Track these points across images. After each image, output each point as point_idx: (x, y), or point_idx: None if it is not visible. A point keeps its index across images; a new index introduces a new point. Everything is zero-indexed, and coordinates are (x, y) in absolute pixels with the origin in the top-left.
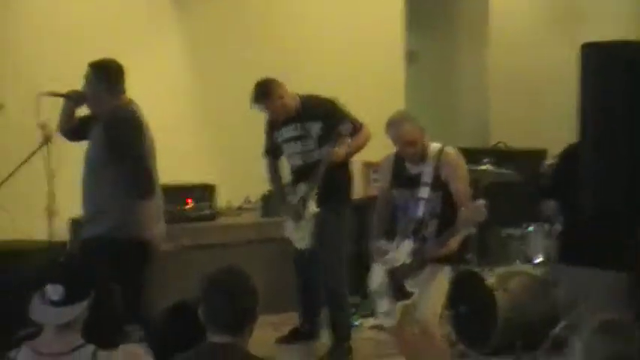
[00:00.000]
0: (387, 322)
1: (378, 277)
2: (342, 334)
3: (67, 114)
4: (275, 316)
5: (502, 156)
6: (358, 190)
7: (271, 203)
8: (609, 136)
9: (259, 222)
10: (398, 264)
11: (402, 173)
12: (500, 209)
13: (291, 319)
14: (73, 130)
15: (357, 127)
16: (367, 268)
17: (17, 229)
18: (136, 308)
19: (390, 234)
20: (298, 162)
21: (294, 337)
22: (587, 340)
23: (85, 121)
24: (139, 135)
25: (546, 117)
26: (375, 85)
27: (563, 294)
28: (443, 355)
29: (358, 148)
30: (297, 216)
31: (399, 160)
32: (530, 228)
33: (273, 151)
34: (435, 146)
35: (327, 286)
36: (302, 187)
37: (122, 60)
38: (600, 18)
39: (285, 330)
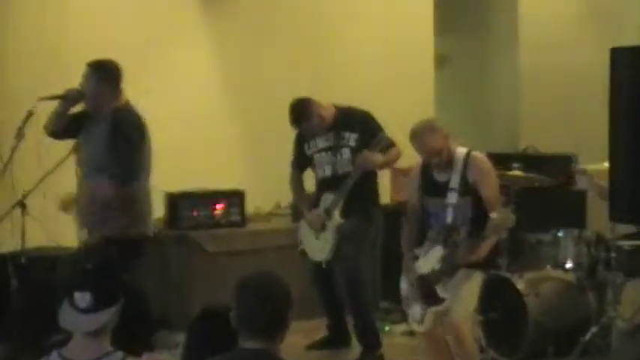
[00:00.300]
0: (420, 329)
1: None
2: (370, 341)
3: (61, 113)
4: (305, 323)
5: (532, 160)
6: (387, 195)
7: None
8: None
9: (289, 227)
10: (428, 270)
11: (430, 181)
12: (530, 214)
13: (321, 326)
14: (65, 128)
15: (390, 144)
16: (398, 273)
17: (47, 236)
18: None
19: (421, 241)
20: (327, 173)
21: (325, 343)
22: (618, 345)
23: (76, 118)
24: (145, 136)
25: (577, 121)
26: (406, 89)
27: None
28: (473, 359)
29: (390, 163)
30: (322, 227)
31: (426, 169)
32: (560, 233)
33: (300, 163)
34: (461, 151)
35: (347, 294)
36: (328, 198)
37: (155, 65)
38: (633, 19)
39: (316, 336)
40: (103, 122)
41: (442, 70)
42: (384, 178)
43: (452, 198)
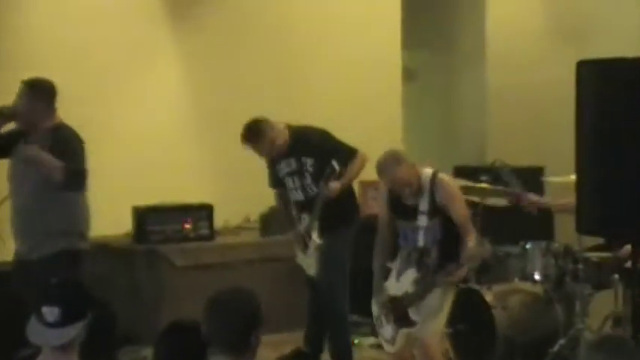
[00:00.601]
0: (391, 349)
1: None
2: (343, 357)
3: None
4: (275, 336)
5: (500, 173)
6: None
7: (271, 222)
8: (606, 153)
9: (259, 241)
10: (401, 293)
11: (398, 204)
12: (497, 227)
13: (291, 339)
14: None
15: (351, 154)
16: (366, 286)
17: (9, 251)
18: None
19: (394, 254)
20: (299, 196)
21: (295, 357)
22: (585, 357)
23: (8, 138)
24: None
25: (544, 134)
26: (374, 103)
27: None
28: None
29: (354, 177)
30: (305, 246)
31: (393, 193)
32: (528, 245)
33: (275, 183)
34: (427, 173)
35: (328, 309)
36: (305, 219)
37: (124, 82)
38: (600, 35)
39: (285, 350)
40: (36, 141)
41: (410, 85)
42: None
43: (422, 221)
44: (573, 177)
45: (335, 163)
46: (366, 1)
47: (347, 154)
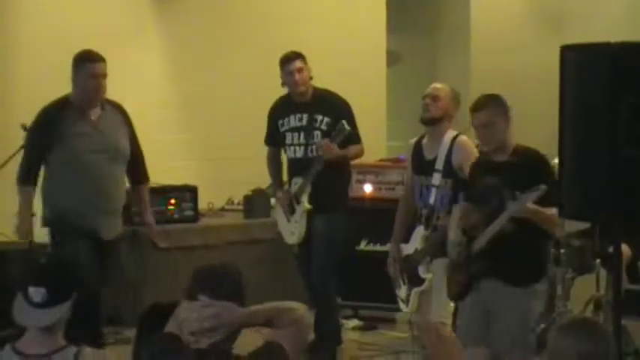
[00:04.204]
0: (407, 309)
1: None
2: (332, 337)
3: None
4: None
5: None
6: None
7: (254, 205)
8: (588, 138)
9: (242, 223)
10: (412, 251)
11: (420, 159)
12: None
13: None
14: None
15: (358, 139)
16: (351, 270)
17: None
18: None
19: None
20: (298, 154)
21: None
22: (553, 340)
23: None
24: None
25: (527, 118)
26: (359, 86)
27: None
28: (457, 353)
29: (350, 158)
30: (291, 209)
31: (417, 146)
32: None
33: (274, 140)
34: (450, 133)
35: (320, 290)
36: (297, 182)
37: (110, 66)
38: (583, 20)
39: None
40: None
41: (395, 68)
42: None
43: (436, 179)
44: (556, 161)
45: (345, 123)
46: None
47: (356, 137)
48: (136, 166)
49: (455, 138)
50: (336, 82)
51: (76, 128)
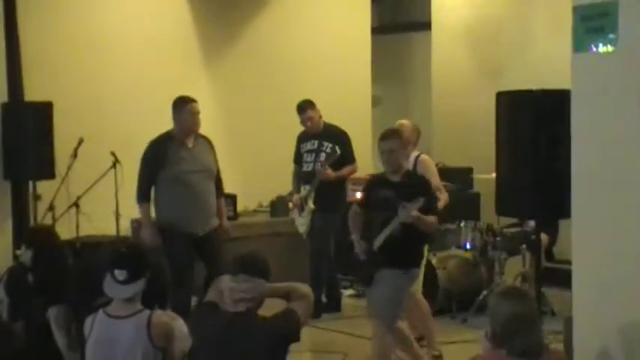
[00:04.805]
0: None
1: None
2: (336, 295)
3: None
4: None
5: (442, 172)
6: None
7: (278, 207)
8: (516, 158)
9: (269, 221)
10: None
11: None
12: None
13: None
14: None
15: (352, 160)
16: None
17: (93, 227)
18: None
19: None
20: (309, 168)
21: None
22: (492, 303)
23: None
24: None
25: (473, 144)
26: (350, 122)
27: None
28: (427, 313)
29: (345, 176)
30: (301, 208)
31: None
32: (462, 223)
33: (297, 159)
34: (415, 152)
35: (321, 264)
36: (306, 188)
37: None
38: (513, 71)
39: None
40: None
41: (377, 107)
42: None
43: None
44: (494, 175)
45: (337, 148)
46: (345, 46)
47: (350, 159)
48: (218, 182)
49: (418, 157)
50: (336, 118)
51: (178, 155)
